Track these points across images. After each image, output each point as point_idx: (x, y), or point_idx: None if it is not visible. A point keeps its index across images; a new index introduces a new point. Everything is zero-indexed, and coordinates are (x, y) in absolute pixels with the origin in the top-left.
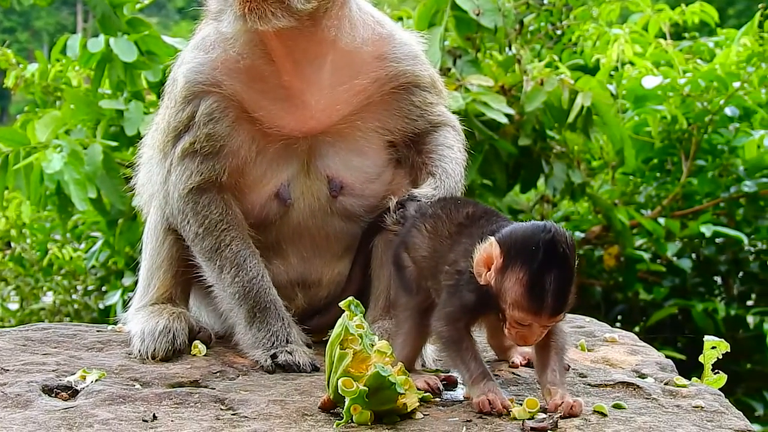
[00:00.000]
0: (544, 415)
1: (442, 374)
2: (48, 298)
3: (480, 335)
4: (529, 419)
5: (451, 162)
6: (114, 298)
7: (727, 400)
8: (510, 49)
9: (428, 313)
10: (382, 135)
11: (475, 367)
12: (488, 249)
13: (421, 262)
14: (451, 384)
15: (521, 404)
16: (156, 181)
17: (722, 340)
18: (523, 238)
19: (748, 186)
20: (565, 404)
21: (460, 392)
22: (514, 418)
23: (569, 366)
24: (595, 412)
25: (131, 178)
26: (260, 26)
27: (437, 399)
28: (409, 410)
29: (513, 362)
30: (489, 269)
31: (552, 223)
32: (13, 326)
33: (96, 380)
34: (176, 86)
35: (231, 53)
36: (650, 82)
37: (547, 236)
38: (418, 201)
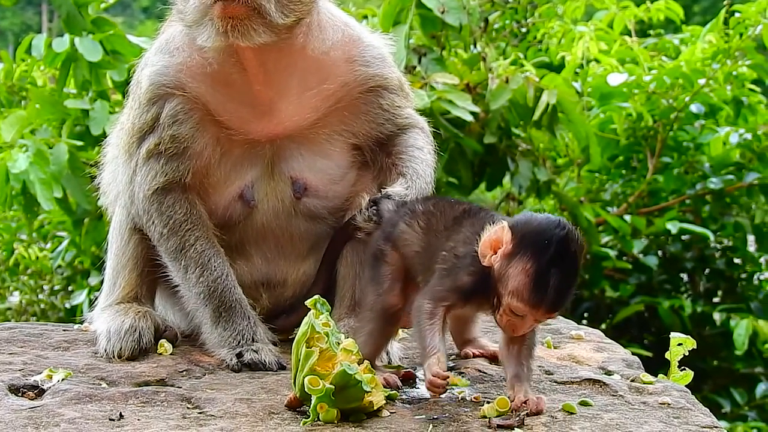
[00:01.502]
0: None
1: (402, 371)
2: (14, 298)
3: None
4: (496, 417)
5: (421, 163)
6: (80, 297)
7: (694, 397)
8: (475, 47)
9: (393, 318)
10: (346, 138)
11: (430, 341)
12: (499, 232)
13: (413, 257)
14: (408, 379)
15: (489, 402)
16: (121, 181)
17: (689, 336)
18: (538, 229)
19: (713, 183)
20: (531, 402)
21: (426, 390)
22: (484, 416)
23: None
24: (562, 409)
25: (97, 177)
26: (242, 42)
27: (404, 396)
28: (375, 408)
29: (466, 353)
30: (495, 252)
31: (566, 222)
32: None
33: (62, 379)
34: (140, 88)
35: (198, 57)
36: (615, 79)
37: (561, 233)
38: (392, 199)
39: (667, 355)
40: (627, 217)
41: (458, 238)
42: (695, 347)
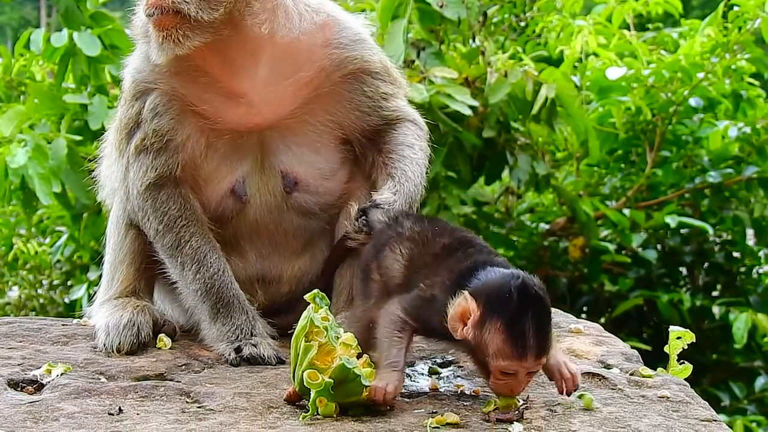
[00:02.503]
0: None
1: None
2: (13, 293)
3: None
4: (494, 410)
5: (411, 163)
6: (79, 292)
7: (693, 390)
8: (474, 41)
9: None
10: (333, 130)
11: (395, 355)
12: (463, 304)
13: (394, 287)
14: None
15: (488, 396)
16: (116, 178)
17: (687, 330)
18: (496, 287)
19: (712, 177)
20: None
21: (425, 383)
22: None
23: None
24: (559, 404)
25: (95, 170)
26: (178, 51)
27: (403, 390)
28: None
29: None
30: (465, 324)
31: (519, 271)
32: None
33: (61, 374)
34: (125, 85)
35: (161, 68)
36: (614, 73)
37: (517, 282)
38: (381, 208)
39: (666, 348)
40: (626, 211)
41: (436, 281)
42: (694, 341)
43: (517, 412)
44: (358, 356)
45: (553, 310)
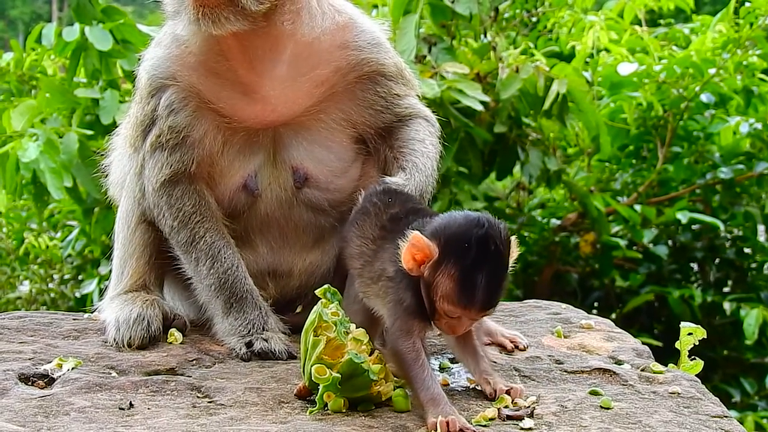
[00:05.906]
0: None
1: None
2: (24, 287)
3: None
4: (504, 407)
5: (421, 156)
6: (90, 286)
7: (704, 387)
8: (485, 36)
9: (374, 318)
10: (345, 128)
11: (434, 387)
12: (419, 243)
13: (349, 260)
14: None
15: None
16: (128, 173)
17: (699, 326)
18: (457, 232)
19: (723, 172)
20: (515, 390)
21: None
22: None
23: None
24: (570, 400)
25: (104, 163)
26: (214, 30)
27: None
28: (384, 399)
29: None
30: (421, 263)
31: (487, 217)
32: None
33: (72, 368)
34: (140, 82)
35: (185, 48)
36: (626, 68)
37: (479, 232)
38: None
39: (677, 344)
40: (637, 207)
41: (385, 256)
42: (705, 337)
43: (527, 408)
44: (370, 352)
45: (563, 305)
